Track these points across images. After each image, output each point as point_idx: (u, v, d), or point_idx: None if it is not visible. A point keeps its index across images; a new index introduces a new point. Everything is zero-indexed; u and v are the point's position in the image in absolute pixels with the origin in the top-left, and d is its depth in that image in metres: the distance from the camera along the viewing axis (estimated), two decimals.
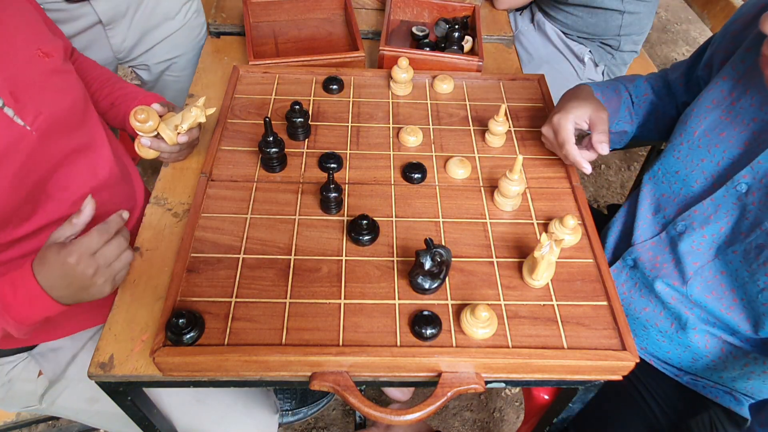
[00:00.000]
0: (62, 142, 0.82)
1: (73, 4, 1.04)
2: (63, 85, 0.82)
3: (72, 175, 0.85)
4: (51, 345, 0.94)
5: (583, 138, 0.89)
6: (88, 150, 0.89)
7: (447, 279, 0.77)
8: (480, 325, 0.71)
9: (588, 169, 0.84)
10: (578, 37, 1.54)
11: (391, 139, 0.98)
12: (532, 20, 1.62)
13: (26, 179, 0.76)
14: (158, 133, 0.86)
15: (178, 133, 0.86)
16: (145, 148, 0.88)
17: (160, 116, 0.85)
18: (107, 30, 1.13)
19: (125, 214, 0.74)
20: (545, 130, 0.90)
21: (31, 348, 0.94)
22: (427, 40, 1.22)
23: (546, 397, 0.98)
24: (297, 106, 0.93)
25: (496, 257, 0.81)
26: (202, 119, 0.86)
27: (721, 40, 0.87)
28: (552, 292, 0.77)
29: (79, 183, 0.86)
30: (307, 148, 0.95)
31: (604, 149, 0.82)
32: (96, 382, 0.72)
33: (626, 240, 0.93)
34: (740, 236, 0.75)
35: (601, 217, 1.13)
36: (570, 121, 0.85)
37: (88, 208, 0.72)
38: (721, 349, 0.83)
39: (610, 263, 0.92)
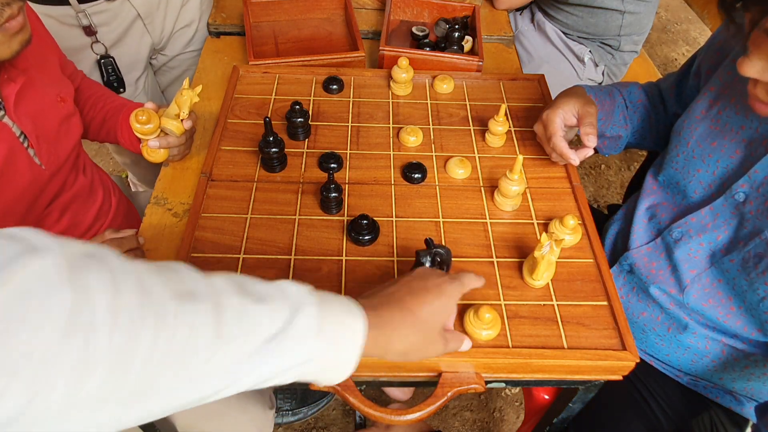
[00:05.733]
0: (64, 177, 0.89)
1: (114, 2, 1.08)
2: (71, 128, 0.89)
3: (71, 207, 0.91)
4: None
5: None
6: (85, 183, 0.95)
7: None
8: (483, 326, 0.70)
9: (576, 161, 0.85)
10: (578, 37, 1.54)
11: (391, 139, 0.98)
12: (532, 20, 1.62)
13: (35, 210, 0.82)
14: (161, 132, 0.87)
15: (182, 120, 0.87)
16: (154, 152, 0.89)
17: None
18: (146, 23, 1.17)
19: (141, 239, 0.82)
20: (536, 127, 0.91)
21: None
22: (427, 40, 1.21)
23: (546, 397, 0.98)
24: (297, 106, 0.93)
25: (496, 257, 0.81)
26: (196, 99, 0.87)
27: (707, 50, 0.88)
28: (552, 292, 0.77)
29: (75, 211, 0.92)
30: (307, 148, 0.95)
31: (591, 141, 0.83)
32: None
33: (623, 244, 0.93)
34: (738, 245, 0.75)
35: (601, 217, 1.13)
36: (558, 115, 0.85)
37: (130, 232, 0.81)
38: (721, 351, 0.83)
39: None
